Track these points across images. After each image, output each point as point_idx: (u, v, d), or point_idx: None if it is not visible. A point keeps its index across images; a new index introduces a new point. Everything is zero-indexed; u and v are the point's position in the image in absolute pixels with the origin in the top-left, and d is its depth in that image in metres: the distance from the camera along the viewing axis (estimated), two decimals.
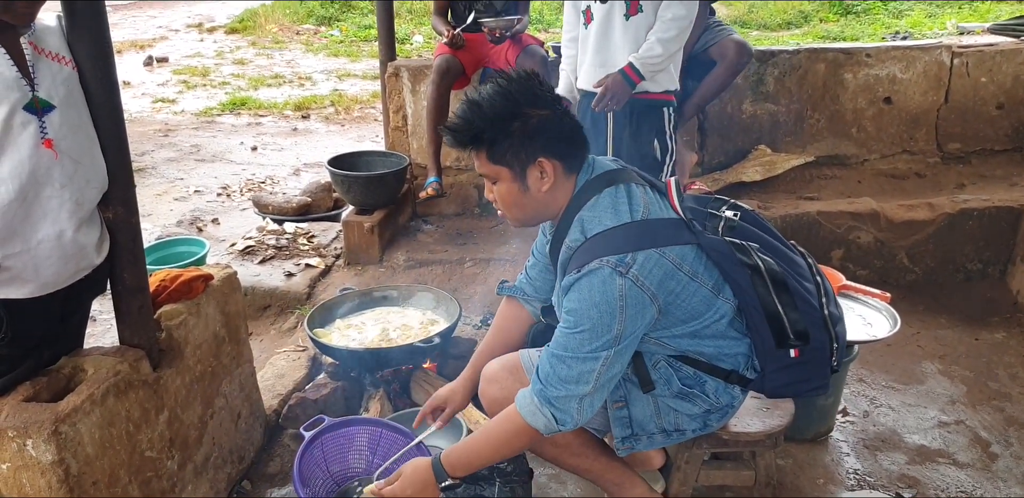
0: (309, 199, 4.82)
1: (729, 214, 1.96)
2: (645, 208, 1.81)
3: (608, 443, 2.15)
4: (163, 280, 2.20)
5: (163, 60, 10.77)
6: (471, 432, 2.52)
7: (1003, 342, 3.48)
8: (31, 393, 1.79)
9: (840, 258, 3.92)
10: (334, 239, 4.32)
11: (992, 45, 4.42)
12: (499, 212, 1.93)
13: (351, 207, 4.11)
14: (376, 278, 3.85)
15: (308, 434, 2.28)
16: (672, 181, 1.93)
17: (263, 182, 6.09)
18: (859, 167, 4.48)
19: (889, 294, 2.75)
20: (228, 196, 5.79)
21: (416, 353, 2.85)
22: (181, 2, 16.38)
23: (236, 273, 2.46)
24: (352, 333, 3.01)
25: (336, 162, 4.14)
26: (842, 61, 4.31)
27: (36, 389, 1.81)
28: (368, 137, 7.40)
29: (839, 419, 2.87)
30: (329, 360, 2.98)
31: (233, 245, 4.23)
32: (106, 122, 1.80)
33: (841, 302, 2.68)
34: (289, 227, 4.41)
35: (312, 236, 4.34)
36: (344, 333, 3.01)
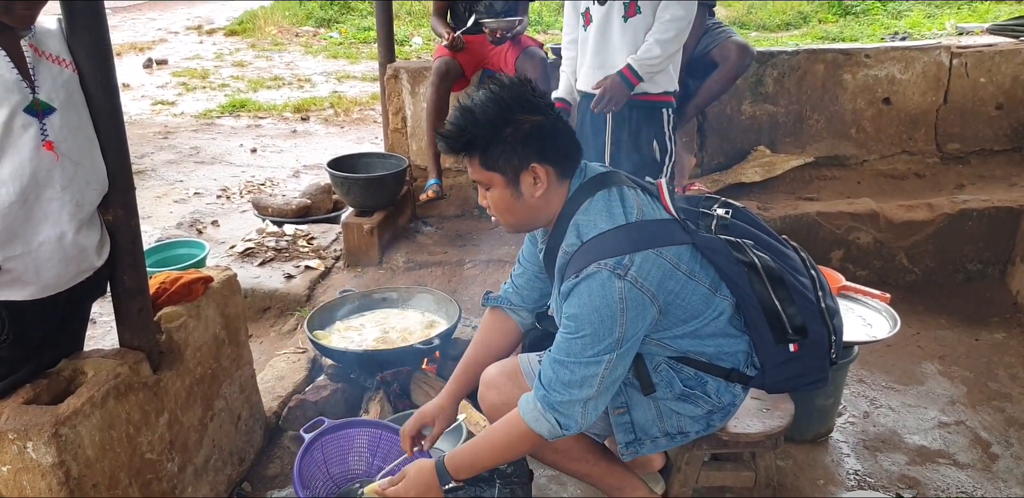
0: (309, 201, 4.82)
1: (721, 212, 1.96)
2: (639, 210, 1.81)
3: (609, 447, 2.15)
4: (163, 282, 2.20)
5: (162, 62, 10.78)
6: (471, 434, 2.53)
7: (1003, 342, 3.48)
8: (31, 396, 1.79)
9: (840, 259, 3.92)
10: (334, 241, 4.32)
11: (991, 45, 4.42)
12: (493, 218, 1.92)
13: (351, 209, 4.11)
14: (376, 280, 3.85)
15: (308, 436, 2.28)
16: (663, 182, 1.93)
17: (263, 184, 6.08)
18: (858, 168, 4.48)
19: (889, 295, 2.75)
20: (228, 198, 5.79)
21: (416, 355, 2.85)
22: (180, 4, 16.39)
23: (236, 275, 2.47)
24: (352, 335, 3.01)
25: (335, 164, 4.14)
26: (841, 62, 4.31)
27: (36, 391, 1.81)
28: (367, 139, 7.40)
29: (839, 420, 2.87)
30: (329, 362, 2.98)
31: (233, 247, 4.22)
32: (106, 124, 1.80)
33: (841, 303, 2.68)
34: (289, 229, 4.41)
35: (312, 238, 4.34)
36: (344, 335, 3.02)
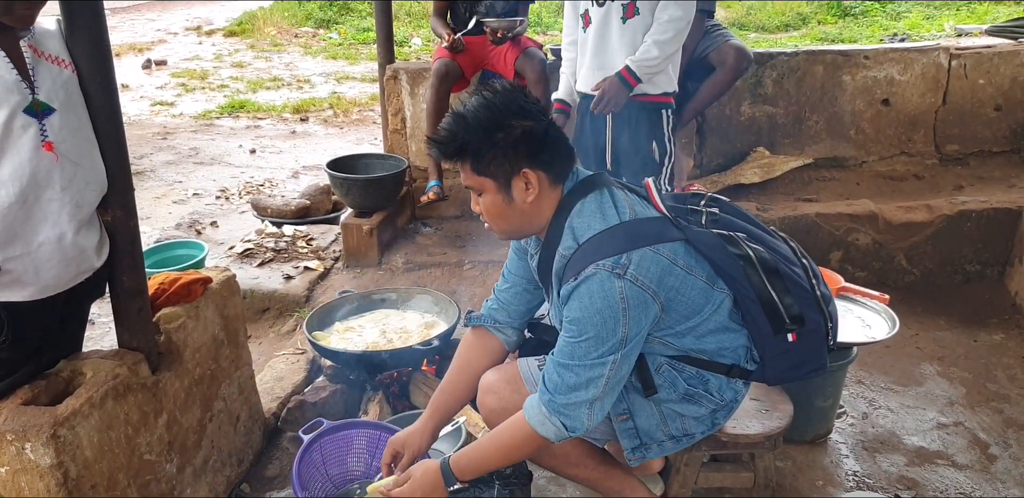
0: (308, 202, 4.81)
1: (710, 208, 1.96)
2: (630, 209, 1.81)
3: (610, 451, 2.15)
4: (162, 283, 2.20)
5: (162, 63, 10.78)
6: (470, 435, 2.53)
7: (1001, 343, 3.48)
8: (30, 396, 1.79)
9: (839, 260, 3.92)
10: (333, 242, 4.32)
11: (990, 47, 4.42)
12: (485, 225, 1.90)
13: (350, 210, 4.11)
14: (375, 281, 3.85)
15: (307, 437, 2.28)
16: (650, 182, 1.93)
17: (262, 185, 6.08)
18: (857, 169, 4.48)
19: (888, 296, 2.75)
20: (227, 199, 5.78)
21: (415, 356, 2.85)
22: (179, 5, 16.39)
23: (235, 276, 2.47)
24: (351, 336, 3.01)
25: (335, 165, 4.14)
26: (840, 63, 4.32)
27: (35, 392, 1.81)
28: (367, 140, 7.40)
29: (838, 421, 2.87)
30: (328, 363, 2.98)
31: (232, 248, 4.22)
32: (105, 125, 1.80)
33: (840, 304, 2.70)
34: (288, 230, 4.41)
35: (311, 239, 4.34)
36: (343, 336, 3.02)
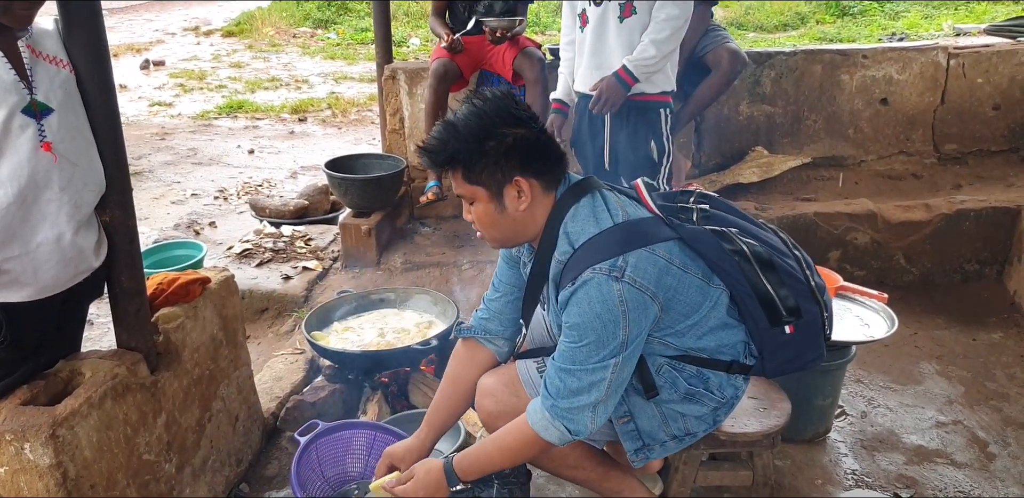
0: (306, 202, 4.81)
1: (700, 204, 1.95)
2: (622, 211, 1.81)
3: (609, 452, 2.15)
4: (160, 283, 2.20)
5: (160, 63, 10.77)
6: (469, 434, 2.53)
7: (1000, 342, 3.48)
8: (28, 397, 1.79)
9: (837, 259, 3.92)
10: (331, 242, 4.32)
11: (988, 46, 4.42)
12: (478, 234, 1.89)
13: (348, 210, 4.11)
14: (373, 281, 3.85)
15: (303, 440, 2.28)
16: (640, 182, 1.93)
17: (260, 185, 6.08)
18: (856, 168, 4.48)
19: (886, 295, 2.76)
20: (225, 199, 5.78)
21: (414, 355, 2.85)
22: (178, 5, 16.38)
23: (233, 276, 2.46)
24: (350, 336, 3.01)
25: (333, 165, 4.14)
26: (839, 62, 4.32)
27: (33, 393, 1.81)
28: (365, 140, 7.40)
29: (837, 420, 2.88)
30: (327, 363, 2.98)
31: (230, 248, 4.22)
32: (103, 125, 1.80)
33: (838, 303, 2.71)
34: (286, 230, 4.41)
35: (309, 239, 4.34)
36: (342, 336, 3.02)
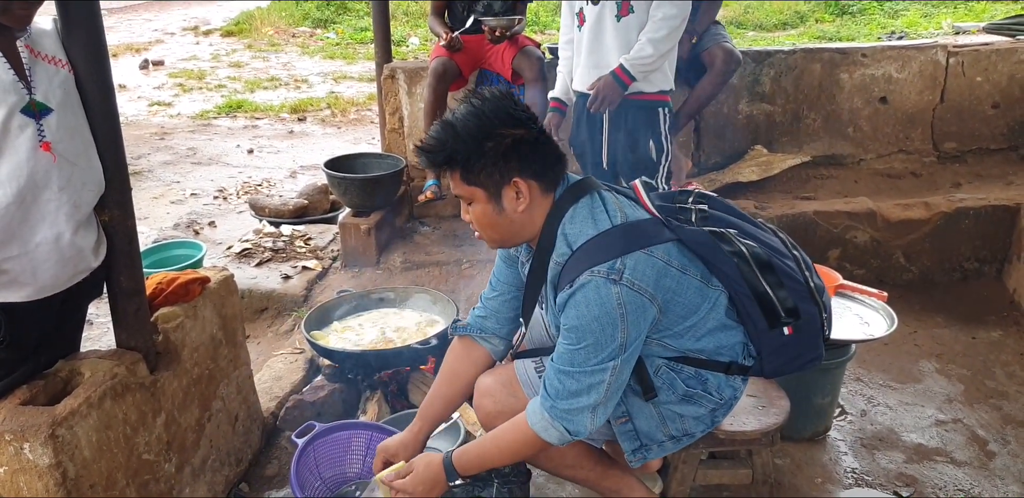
0: (306, 201, 4.81)
1: (699, 205, 1.95)
2: (621, 212, 1.80)
3: (609, 451, 2.15)
4: (160, 283, 2.20)
5: (159, 63, 10.76)
6: (468, 434, 2.53)
7: (1000, 340, 3.48)
8: (28, 396, 1.79)
9: (837, 258, 3.92)
10: (331, 241, 4.32)
11: (988, 44, 4.43)
12: (476, 234, 1.89)
13: (348, 209, 4.11)
14: (373, 280, 3.85)
15: (300, 441, 2.28)
16: (638, 183, 1.93)
17: (260, 185, 6.08)
18: (855, 167, 4.48)
19: (886, 293, 2.76)
20: (224, 199, 5.78)
21: (413, 355, 2.85)
22: (177, 5, 16.37)
23: (233, 276, 2.46)
24: (349, 335, 3.01)
25: (332, 164, 4.14)
26: (838, 61, 4.32)
27: (33, 392, 1.81)
28: (364, 139, 7.40)
29: (836, 418, 2.88)
30: (326, 362, 2.98)
31: (230, 248, 4.22)
32: (102, 125, 1.80)
33: (838, 301, 2.71)
34: (286, 229, 4.41)
35: (309, 238, 4.34)
36: (341, 335, 3.02)
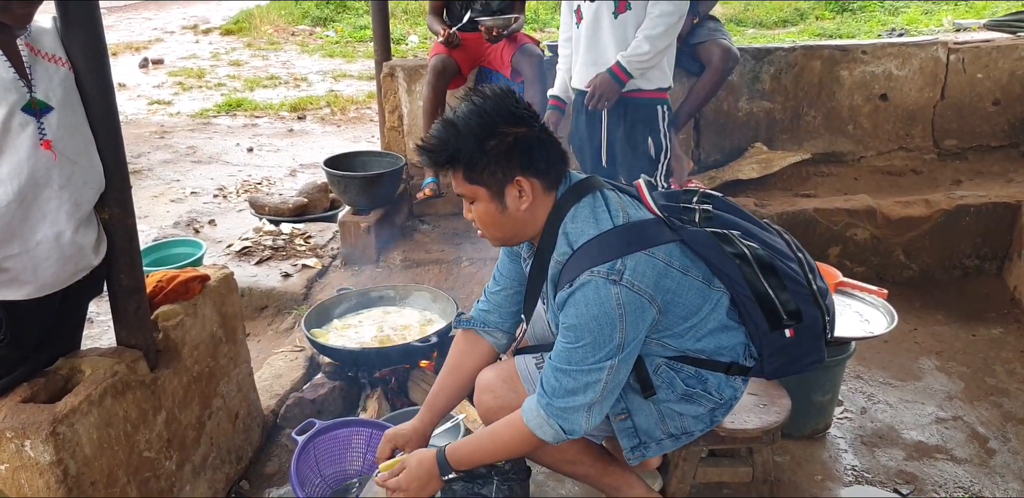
0: (306, 200, 4.81)
1: (703, 206, 1.94)
2: (623, 212, 1.80)
3: (608, 448, 2.15)
4: (160, 281, 2.20)
5: (158, 62, 10.75)
6: (469, 432, 2.53)
7: (1000, 338, 3.48)
8: (29, 394, 1.80)
9: (837, 255, 3.92)
10: (331, 239, 4.32)
11: (988, 41, 4.42)
12: (478, 232, 1.89)
13: (347, 207, 4.11)
14: (373, 278, 3.85)
15: (301, 439, 2.28)
16: (641, 182, 1.92)
17: (259, 183, 6.08)
18: (856, 164, 4.48)
19: (886, 290, 2.76)
20: (224, 197, 5.78)
21: (413, 352, 2.85)
22: (176, 3, 16.36)
23: (233, 274, 2.47)
24: (349, 333, 3.01)
25: (332, 163, 4.14)
26: (838, 58, 4.31)
27: (34, 390, 1.81)
28: (364, 137, 7.39)
29: (836, 416, 2.88)
30: (327, 360, 2.98)
31: (230, 246, 4.22)
32: (102, 123, 1.80)
33: (838, 299, 2.71)
34: (286, 228, 4.41)
35: (309, 237, 4.34)
36: (341, 333, 3.02)
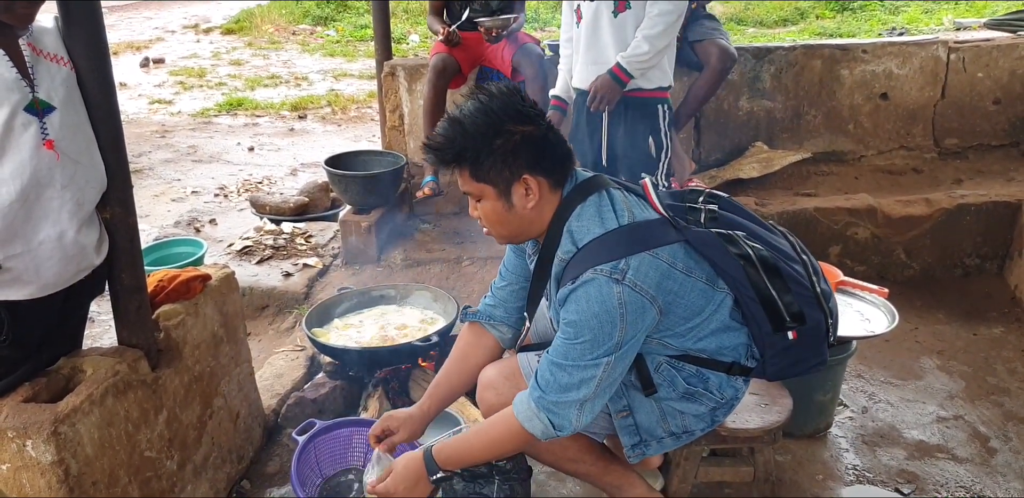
0: (306, 199, 4.81)
1: (709, 206, 1.95)
2: (628, 212, 1.80)
3: (609, 446, 2.15)
4: (161, 280, 2.20)
5: (159, 61, 10.75)
6: None
7: (1001, 337, 3.48)
8: (30, 394, 1.80)
9: (838, 254, 3.92)
10: (332, 239, 4.32)
11: (989, 40, 4.42)
12: (484, 230, 1.89)
13: (348, 207, 4.11)
14: (374, 277, 3.85)
15: (301, 439, 2.28)
16: (647, 182, 1.92)
17: (260, 182, 6.08)
18: (856, 163, 4.48)
19: (887, 290, 2.76)
20: (225, 197, 5.78)
21: (414, 352, 2.85)
22: (177, 3, 16.36)
23: (234, 273, 2.47)
24: (350, 332, 3.01)
25: (333, 162, 4.14)
26: (838, 57, 4.31)
27: (35, 390, 1.81)
28: (365, 137, 7.39)
29: (838, 415, 2.88)
30: (327, 359, 2.98)
31: (231, 245, 4.23)
32: (104, 123, 1.80)
33: (839, 298, 2.70)
34: (287, 227, 4.41)
35: (310, 236, 4.34)
36: (342, 332, 3.02)
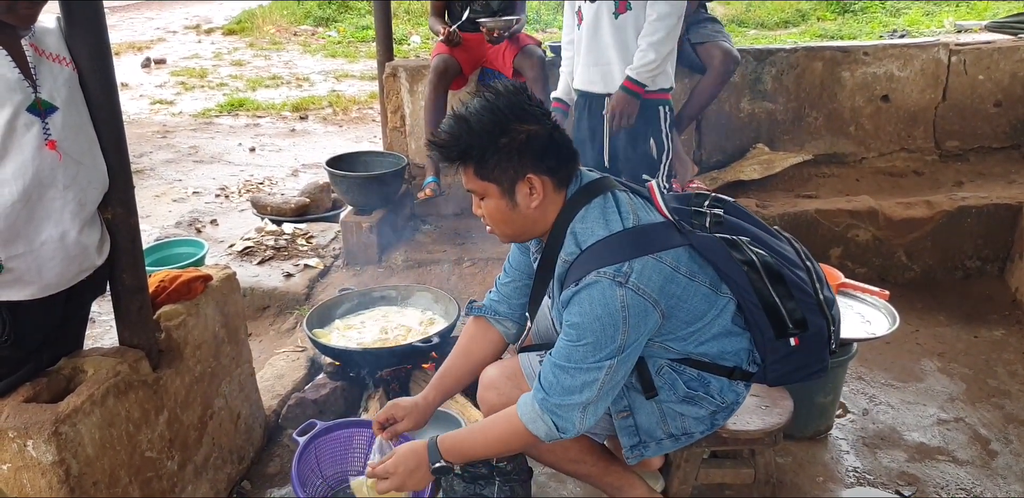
0: (307, 200, 4.81)
1: (714, 210, 1.95)
2: (634, 214, 1.80)
3: (610, 447, 2.15)
4: (162, 281, 2.20)
5: (161, 62, 10.77)
6: None
7: (1002, 339, 3.48)
8: (31, 394, 1.80)
9: (839, 256, 3.92)
10: (333, 239, 4.32)
11: (990, 43, 4.42)
12: (488, 228, 1.89)
13: (349, 207, 4.11)
14: (375, 278, 3.85)
15: (301, 440, 2.28)
16: (653, 184, 1.92)
17: (261, 183, 6.08)
18: (857, 165, 4.48)
19: (888, 292, 2.76)
20: (227, 197, 5.78)
21: (415, 353, 2.85)
22: (179, 3, 16.37)
23: (235, 274, 2.47)
24: (351, 333, 3.01)
25: (334, 163, 4.14)
26: (840, 59, 4.31)
27: (36, 390, 1.81)
28: (366, 138, 7.40)
29: (838, 417, 2.88)
30: (328, 360, 2.98)
31: (232, 246, 4.23)
32: (106, 123, 1.80)
33: (840, 300, 2.69)
34: (288, 228, 4.41)
35: (311, 237, 4.35)
36: (343, 333, 3.02)
